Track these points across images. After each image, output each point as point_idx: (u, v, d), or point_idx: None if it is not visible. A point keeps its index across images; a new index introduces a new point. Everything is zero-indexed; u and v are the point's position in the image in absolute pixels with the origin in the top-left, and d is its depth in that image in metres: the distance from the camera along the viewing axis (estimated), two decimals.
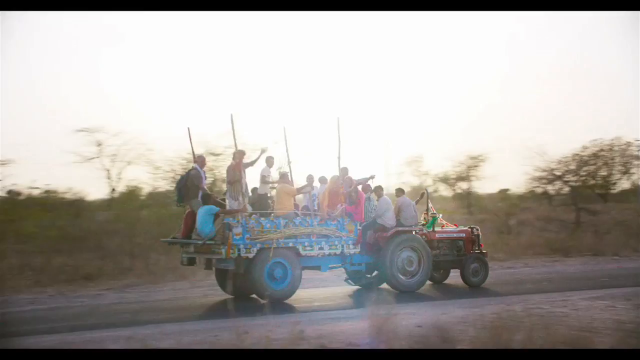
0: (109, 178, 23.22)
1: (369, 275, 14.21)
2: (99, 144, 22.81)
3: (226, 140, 19.85)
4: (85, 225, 20.07)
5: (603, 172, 36.06)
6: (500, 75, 58.49)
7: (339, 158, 13.47)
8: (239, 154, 12.52)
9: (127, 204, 21.34)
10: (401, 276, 13.28)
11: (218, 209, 12.11)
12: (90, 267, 15.73)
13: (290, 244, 12.20)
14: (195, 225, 12.18)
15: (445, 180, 33.88)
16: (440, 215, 15.19)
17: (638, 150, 35.16)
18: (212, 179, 20.13)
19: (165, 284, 14.57)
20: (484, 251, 14.53)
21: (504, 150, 49.11)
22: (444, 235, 14.47)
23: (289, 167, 13.55)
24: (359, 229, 13.07)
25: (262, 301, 11.46)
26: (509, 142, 55.38)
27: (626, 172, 37.45)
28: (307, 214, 12.74)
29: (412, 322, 8.98)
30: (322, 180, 13.74)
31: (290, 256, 12.19)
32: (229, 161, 14.44)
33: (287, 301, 12.02)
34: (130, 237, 17.83)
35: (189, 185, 12.37)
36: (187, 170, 13.09)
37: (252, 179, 13.24)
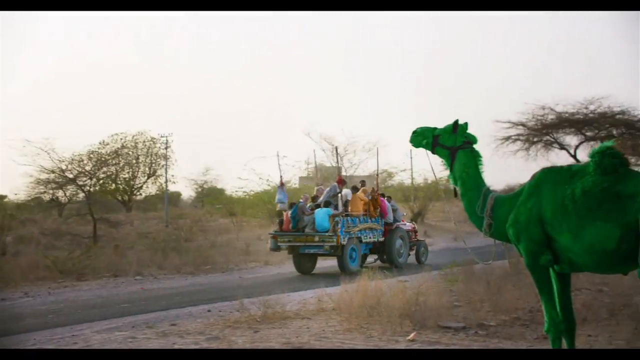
0: None
1: (372, 259, 19.45)
2: None
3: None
4: None
5: (126, 175, 33.73)
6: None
7: (377, 174, 20.65)
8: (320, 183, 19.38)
9: None
10: (398, 257, 18.59)
11: (332, 211, 17.13)
12: None
13: (359, 235, 17.47)
14: (303, 223, 17.33)
15: None
16: (404, 213, 21.78)
17: (165, 148, 33.79)
18: None
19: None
20: (421, 239, 20.78)
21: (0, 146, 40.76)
22: (406, 227, 19.77)
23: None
24: (384, 225, 18.68)
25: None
26: (4, 134, 47.53)
27: (152, 174, 35.87)
28: (365, 214, 17.96)
29: None
30: (354, 189, 18.42)
31: (358, 243, 17.46)
32: None
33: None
34: None
35: (299, 212, 17.53)
36: (295, 203, 18.15)
37: None
